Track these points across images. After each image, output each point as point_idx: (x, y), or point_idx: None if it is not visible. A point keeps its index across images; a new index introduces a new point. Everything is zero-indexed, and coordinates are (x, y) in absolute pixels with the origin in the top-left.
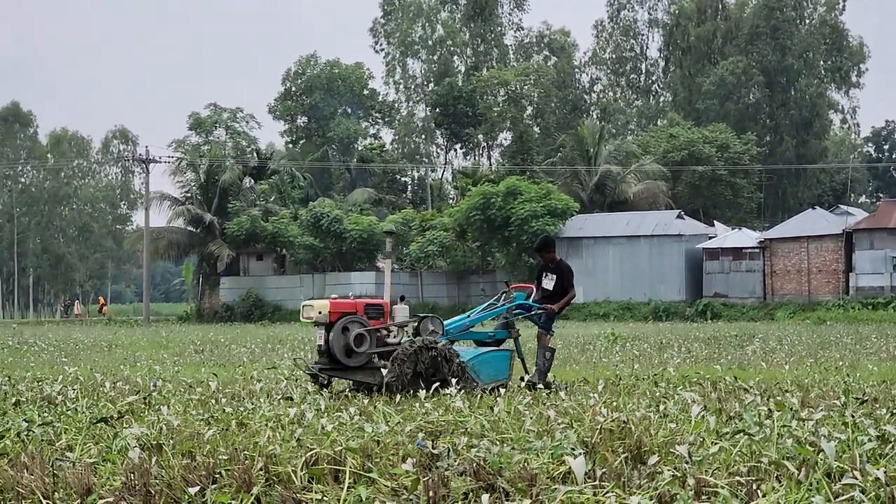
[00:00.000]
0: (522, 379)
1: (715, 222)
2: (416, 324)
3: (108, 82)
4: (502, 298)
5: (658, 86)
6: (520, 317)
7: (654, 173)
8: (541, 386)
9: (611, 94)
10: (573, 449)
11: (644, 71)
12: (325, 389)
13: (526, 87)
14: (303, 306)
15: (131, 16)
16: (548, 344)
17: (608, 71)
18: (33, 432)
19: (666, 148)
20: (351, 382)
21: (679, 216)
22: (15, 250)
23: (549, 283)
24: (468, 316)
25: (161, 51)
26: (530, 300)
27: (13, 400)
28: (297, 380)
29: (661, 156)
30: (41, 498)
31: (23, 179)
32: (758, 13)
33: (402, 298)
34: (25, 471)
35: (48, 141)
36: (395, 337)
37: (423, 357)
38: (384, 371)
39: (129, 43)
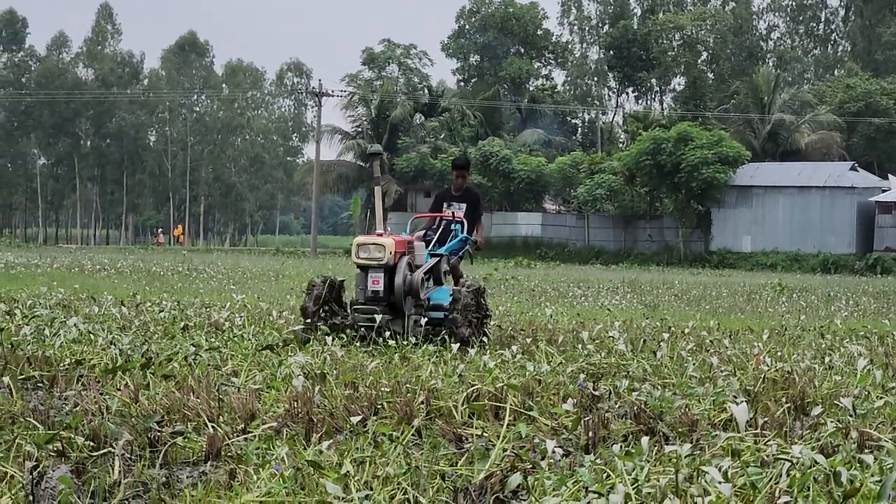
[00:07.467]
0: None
1: (889, 176)
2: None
3: (284, 15)
4: (439, 231)
5: (837, 35)
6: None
7: (829, 124)
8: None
9: (788, 41)
10: (735, 396)
11: (823, 19)
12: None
13: (702, 32)
14: (359, 245)
15: None
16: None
17: (787, 18)
18: (200, 357)
19: (842, 98)
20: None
21: (853, 168)
22: (188, 178)
23: (458, 212)
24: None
25: None
26: (426, 231)
27: (182, 325)
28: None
29: (836, 106)
30: (206, 420)
31: (197, 109)
32: None
33: (426, 233)
34: (192, 394)
35: (223, 71)
36: None
37: (480, 300)
38: (418, 317)
39: None
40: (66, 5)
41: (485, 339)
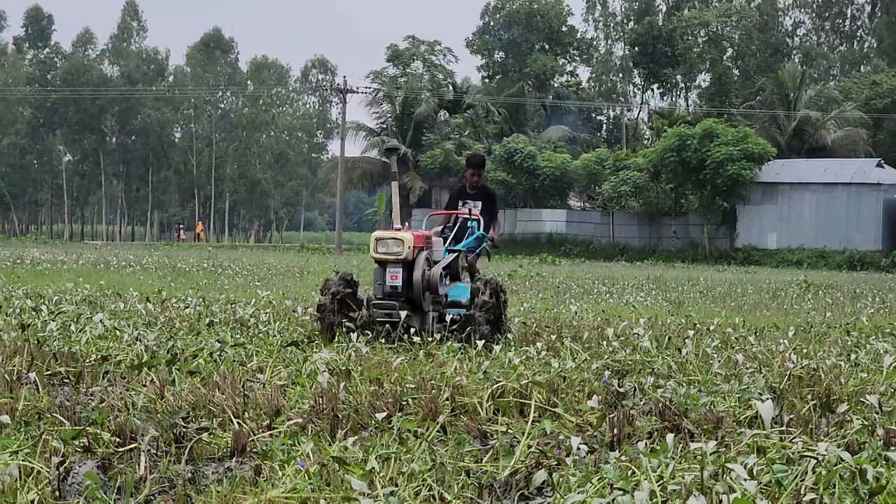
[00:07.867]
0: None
1: None
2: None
3: (308, 12)
4: (455, 228)
5: (863, 31)
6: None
7: (855, 120)
8: None
9: (814, 38)
10: (761, 394)
11: (849, 15)
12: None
13: (727, 28)
14: (377, 239)
15: None
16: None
17: (812, 14)
18: (226, 353)
19: (868, 95)
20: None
21: (879, 165)
22: (213, 175)
23: (474, 210)
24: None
25: None
26: (443, 228)
27: (207, 321)
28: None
29: (862, 103)
30: (232, 417)
31: (222, 105)
32: None
33: (443, 230)
34: (217, 390)
35: (248, 68)
36: None
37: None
38: (431, 314)
39: None
40: (92, 2)
41: (509, 335)
